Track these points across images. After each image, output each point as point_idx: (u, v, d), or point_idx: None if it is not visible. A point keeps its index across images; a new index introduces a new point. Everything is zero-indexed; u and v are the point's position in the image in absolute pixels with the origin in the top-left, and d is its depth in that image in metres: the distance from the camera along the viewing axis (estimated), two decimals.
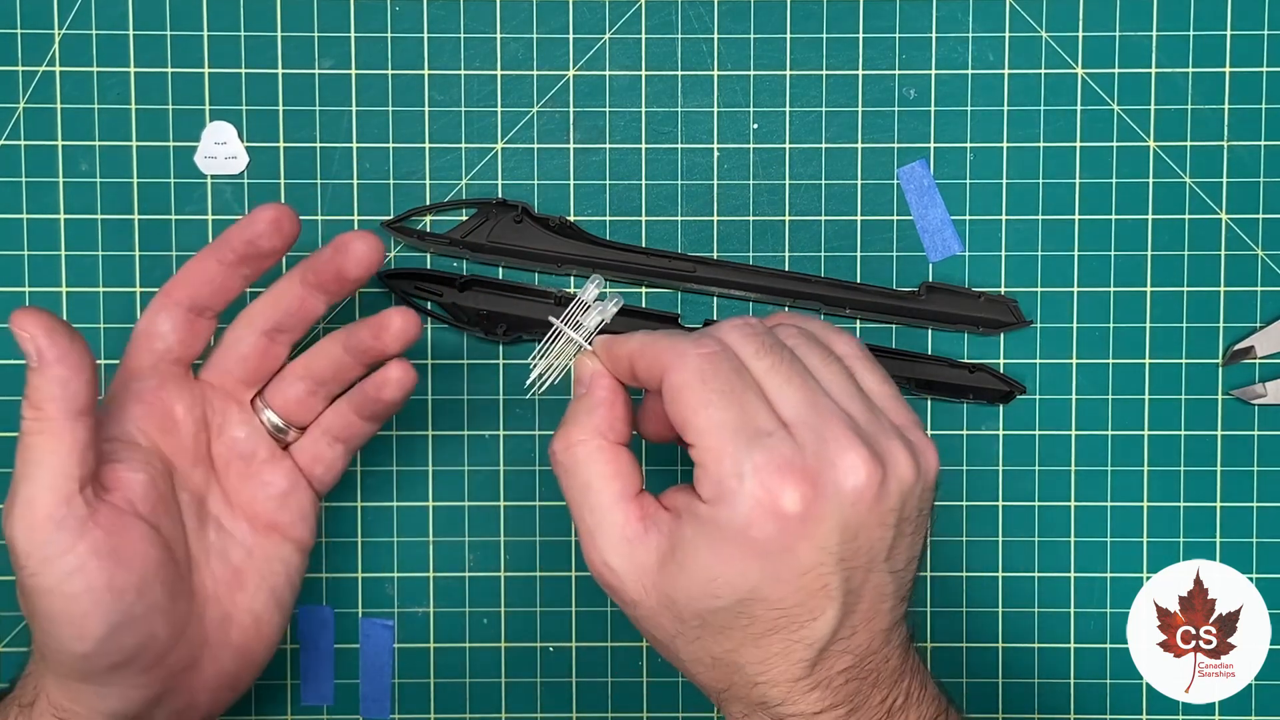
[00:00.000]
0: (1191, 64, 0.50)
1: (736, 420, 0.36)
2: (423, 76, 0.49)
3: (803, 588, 0.36)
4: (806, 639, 0.37)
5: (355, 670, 0.51)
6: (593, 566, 0.38)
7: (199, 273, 0.42)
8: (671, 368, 0.37)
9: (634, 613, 0.38)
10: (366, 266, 0.41)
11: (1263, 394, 0.50)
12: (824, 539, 0.36)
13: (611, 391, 0.40)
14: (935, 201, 0.50)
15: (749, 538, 0.35)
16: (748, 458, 0.35)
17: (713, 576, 0.36)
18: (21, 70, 0.49)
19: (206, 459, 0.43)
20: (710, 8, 0.49)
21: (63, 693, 0.39)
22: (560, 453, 0.39)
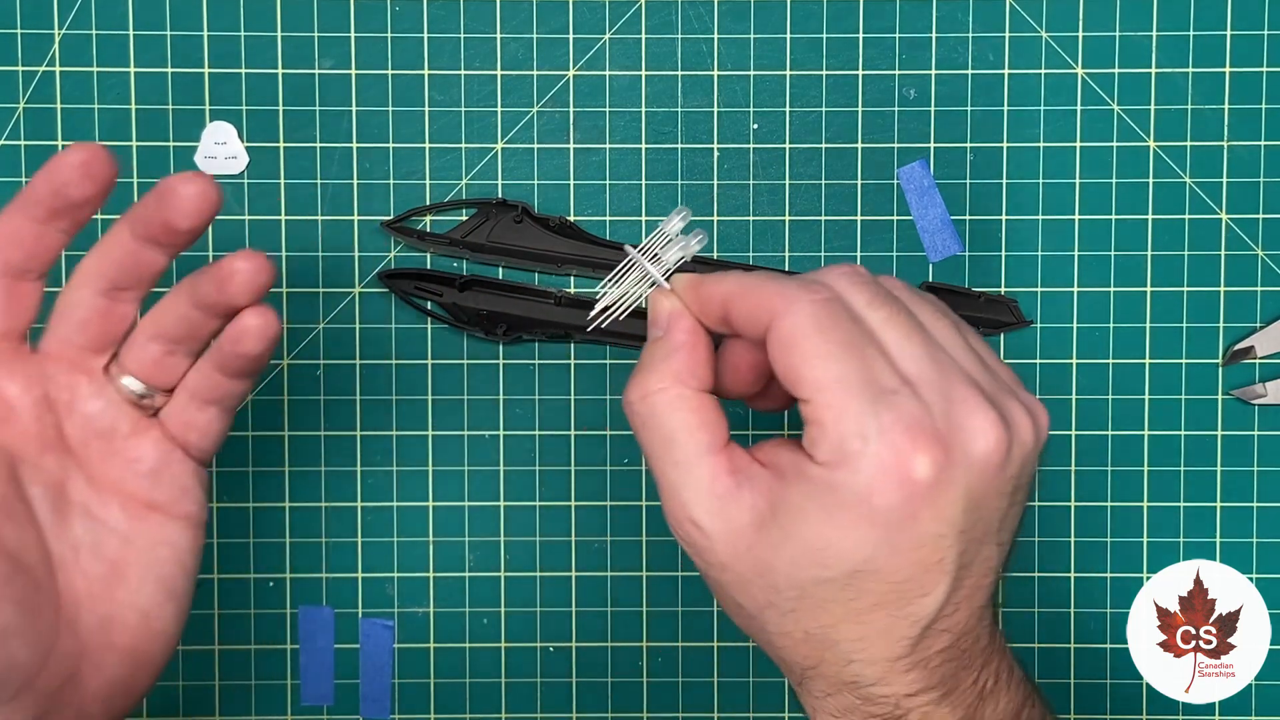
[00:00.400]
0: (1191, 64, 0.50)
1: (859, 375, 0.32)
2: (423, 76, 0.49)
3: (919, 561, 0.33)
4: (912, 616, 0.34)
5: (355, 670, 0.51)
6: (677, 525, 0.35)
7: (7, 232, 0.35)
8: (781, 314, 0.33)
9: (720, 577, 0.35)
10: (195, 215, 0.35)
11: (1263, 394, 0.50)
12: (949, 509, 0.33)
13: (693, 334, 0.36)
14: (935, 201, 0.50)
15: (870, 505, 0.32)
16: (873, 417, 0.32)
17: (824, 545, 0.33)
18: (21, 70, 0.49)
19: (58, 442, 0.37)
20: (710, 8, 0.49)
21: None
22: (637, 403, 0.35)
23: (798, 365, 0.33)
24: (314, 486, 0.50)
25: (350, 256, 0.50)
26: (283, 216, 0.50)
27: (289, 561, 0.50)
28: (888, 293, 0.35)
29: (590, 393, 0.50)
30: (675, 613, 0.51)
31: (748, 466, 0.34)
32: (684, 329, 0.36)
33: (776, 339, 0.33)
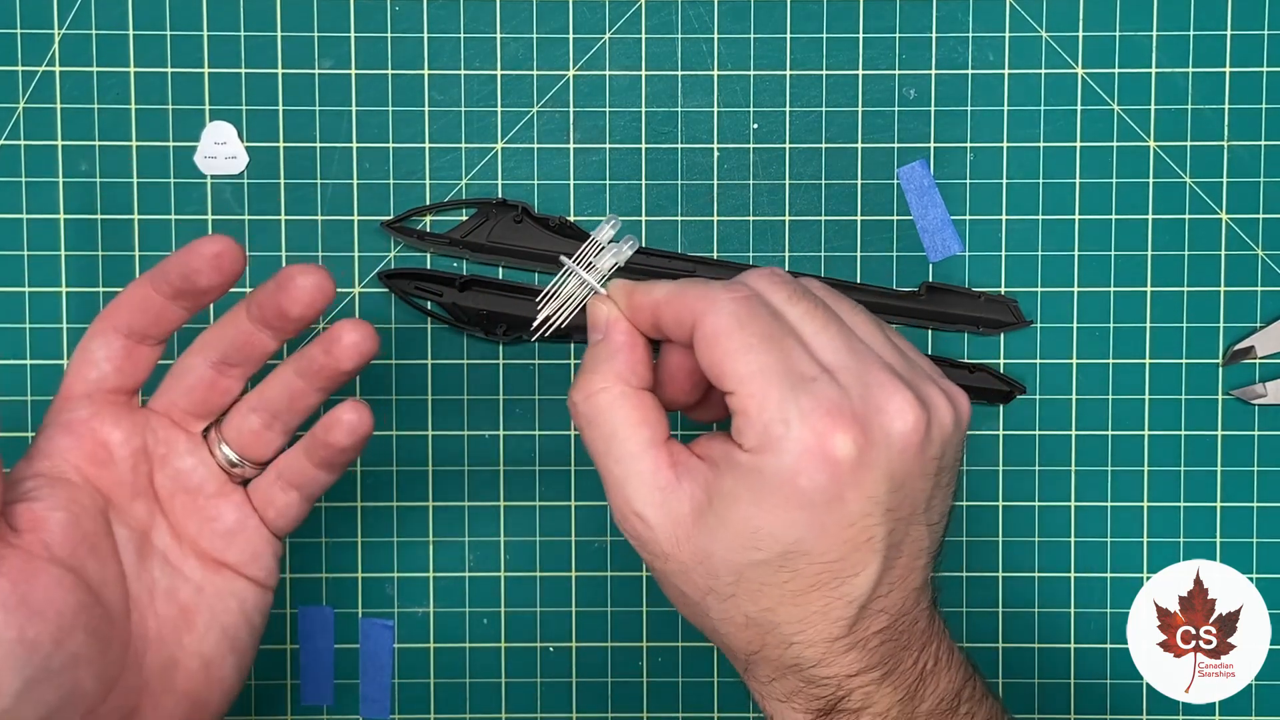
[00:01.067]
0: (1191, 64, 0.50)
1: (779, 364, 0.34)
2: (423, 76, 0.49)
3: (848, 540, 0.35)
4: (847, 595, 0.35)
5: (355, 670, 0.51)
6: (622, 518, 0.37)
7: (136, 299, 0.38)
8: (704, 314, 0.35)
9: (664, 566, 0.37)
10: (309, 305, 0.38)
11: (1263, 394, 0.50)
12: (873, 487, 0.34)
13: (630, 335, 0.38)
14: (935, 201, 0.50)
15: (796, 486, 0.34)
16: (794, 402, 0.34)
17: (755, 528, 0.35)
18: (21, 70, 0.49)
19: (149, 491, 0.40)
20: (710, 8, 0.49)
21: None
22: (581, 402, 0.37)
23: (720, 360, 0.35)
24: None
25: (350, 256, 0.50)
26: (283, 216, 0.50)
27: (289, 561, 0.50)
28: (805, 289, 0.37)
29: None
30: (675, 612, 0.51)
31: (686, 460, 0.36)
32: (622, 331, 0.38)
33: (701, 338, 0.35)
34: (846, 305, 0.38)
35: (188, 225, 0.49)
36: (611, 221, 0.41)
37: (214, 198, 0.49)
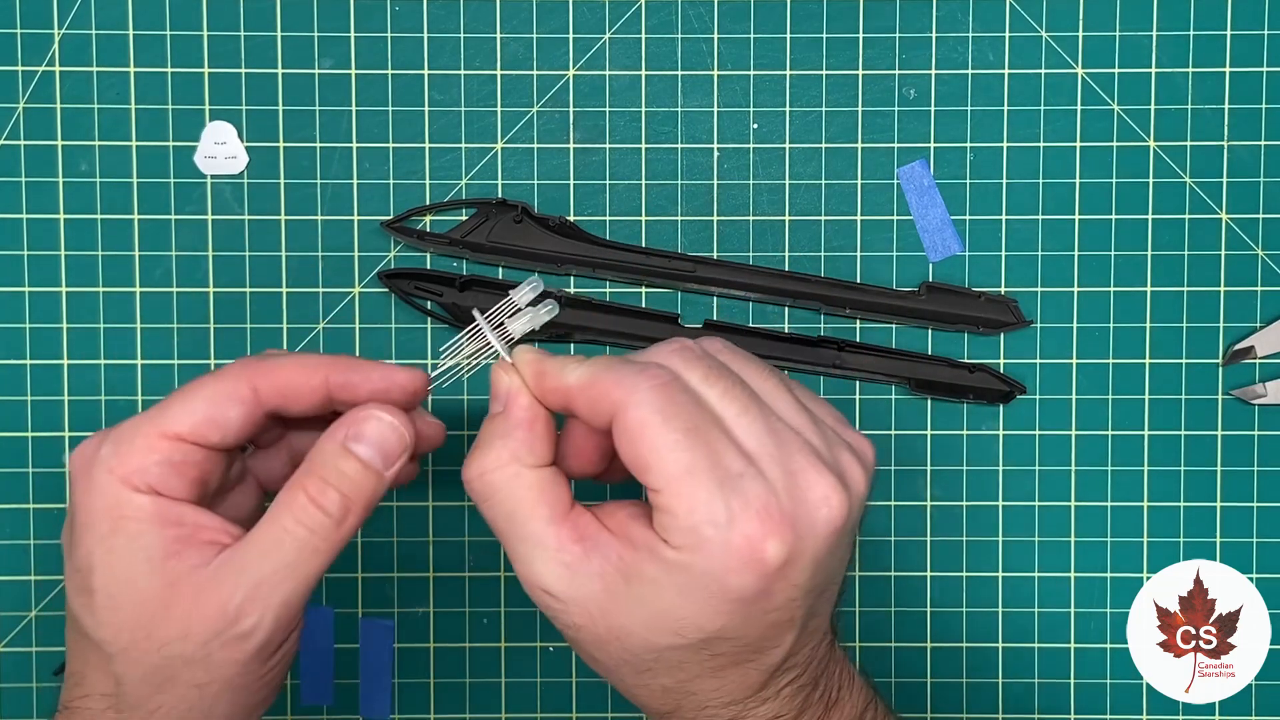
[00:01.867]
0: (1191, 64, 0.50)
1: (706, 461, 0.34)
2: (423, 76, 0.49)
3: (771, 624, 0.35)
4: (763, 665, 0.36)
5: (355, 670, 0.51)
6: (531, 593, 0.36)
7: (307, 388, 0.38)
8: (625, 405, 0.34)
9: (576, 635, 0.36)
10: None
11: (1263, 394, 0.50)
12: (798, 577, 0.35)
13: (530, 411, 0.37)
14: (935, 201, 0.50)
15: (725, 585, 0.34)
16: (723, 505, 0.33)
17: (679, 617, 0.34)
18: (21, 70, 0.49)
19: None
20: (710, 8, 0.49)
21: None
22: (475, 480, 0.36)
23: (645, 456, 0.34)
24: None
25: (350, 256, 0.50)
26: (283, 216, 0.50)
27: None
28: (721, 366, 0.36)
29: None
30: None
31: (596, 533, 0.35)
32: (521, 406, 0.37)
33: (623, 431, 0.34)
34: (754, 370, 0.37)
35: (188, 225, 0.49)
36: (532, 284, 0.40)
37: (214, 198, 0.49)
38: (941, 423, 0.50)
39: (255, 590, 0.35)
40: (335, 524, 0.36)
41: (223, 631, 0.35)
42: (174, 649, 0.35)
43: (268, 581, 0.35)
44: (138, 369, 0.50)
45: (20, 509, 0.50)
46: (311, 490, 0.36)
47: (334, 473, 0.36)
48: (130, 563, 0.36)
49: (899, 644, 0.51)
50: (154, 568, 0.35)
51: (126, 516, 0.36)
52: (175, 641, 0.35)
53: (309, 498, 0.36)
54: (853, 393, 0.50)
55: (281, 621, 0.36)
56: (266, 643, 0.36)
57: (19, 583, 0.50)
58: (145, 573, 0.35)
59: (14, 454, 0.50)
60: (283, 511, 0.36)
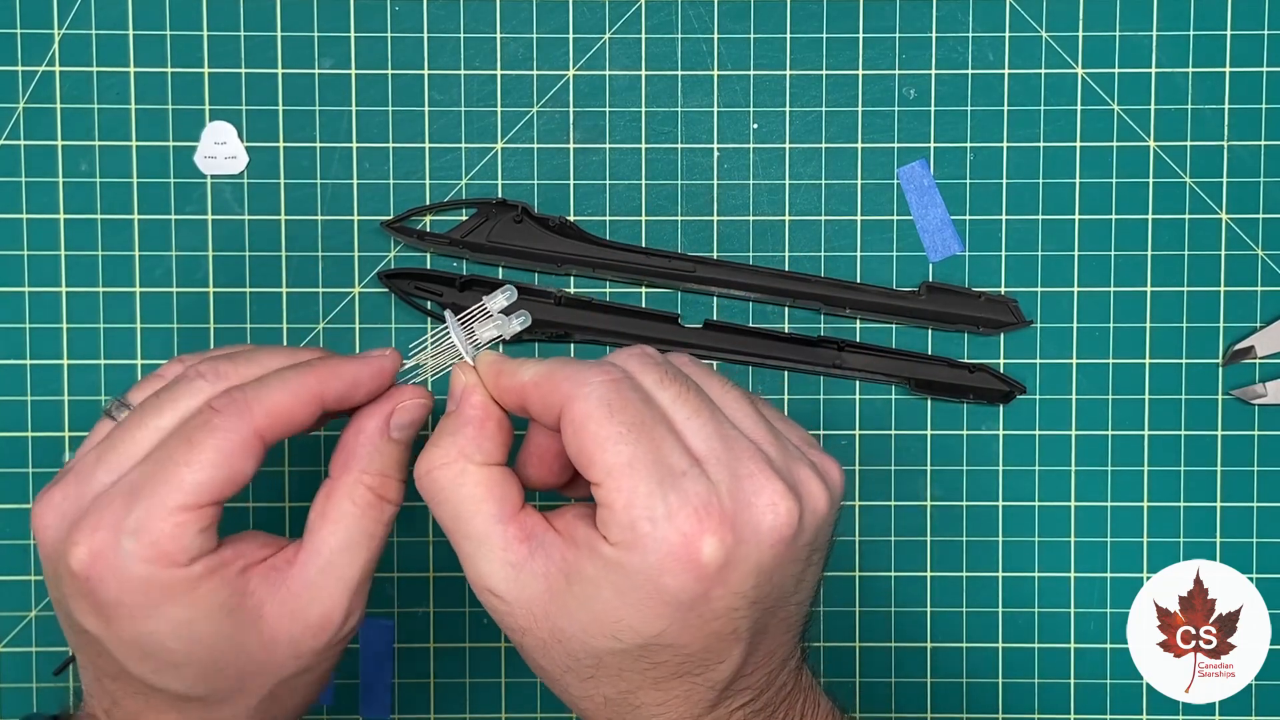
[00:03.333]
0: (1191, 64, 0.50)
1: (648, 456, 0.33)
2: (423, 76, 0.49)
3: (713, 633, 0.34)
4: (710, 681, 0.35)
5: (355, 670, 0.51)
6: (478, 593, 0.36)
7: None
8: (572, 398, 0.34)
9: (522, 640, 0.36)
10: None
11: (1263, 394, 0.50)
12: (739, 584, 0.34)
13: (483, 409, 0.37)
14: (935, 201, 0.50)
15: (660, 585, 0.33)
16: (661, 500, 0.33)
17: (616, 619, 0.34)
18: (21, 70, 0.49)
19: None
20: (710, 8, 0.49)
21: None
22: (423, 477, 0.36)
23: (589, 448, 0.34)
24: (314, 486, 0.50)
25: (350, 256, 0.50)
26: (283, 216, 0.50)
27: None
28: (677, 371, 0.36)
29: None
30: None
31: (543, 533, 0.35)
32: (473, 404, 0.37)
33: (569, 422, 0.34)
34: (717, 384, 0.37)
35: (188, 225, 0.49)
36: (506, 292, 0.40)
37: (214, 198, 0.49)
38: (941, 423, 0.50)
39: (353, 591, 0.37)
40: (394, 506, 0.38)
41: (333, 635, 0.37)
42: (286, 670, 0.37)
43: (355, 577, 0.37)
44: (138, 369, 0.50)
45: (20, 509, 0.50)
46: (373, 483, 0.38)
47: (391, 463, 0.38)
48: (208, 623, 0.35)
49: (899, 644, 0.51)
50: (234, 616, 0.36)
51: (178, 589, 0.35)
52: (288, 661, 0.37)
53: (369, 489, 0.37)
54: (853, 393, 0.50)
55: (351, 623, 0.38)
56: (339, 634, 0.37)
57: (19, 583, 0.50)
58: (228, 626, 0.36)
59: (14, 454, 0.50)
60: (347, 508, 0.37)
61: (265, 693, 0.37)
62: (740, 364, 0.50)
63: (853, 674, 0.51)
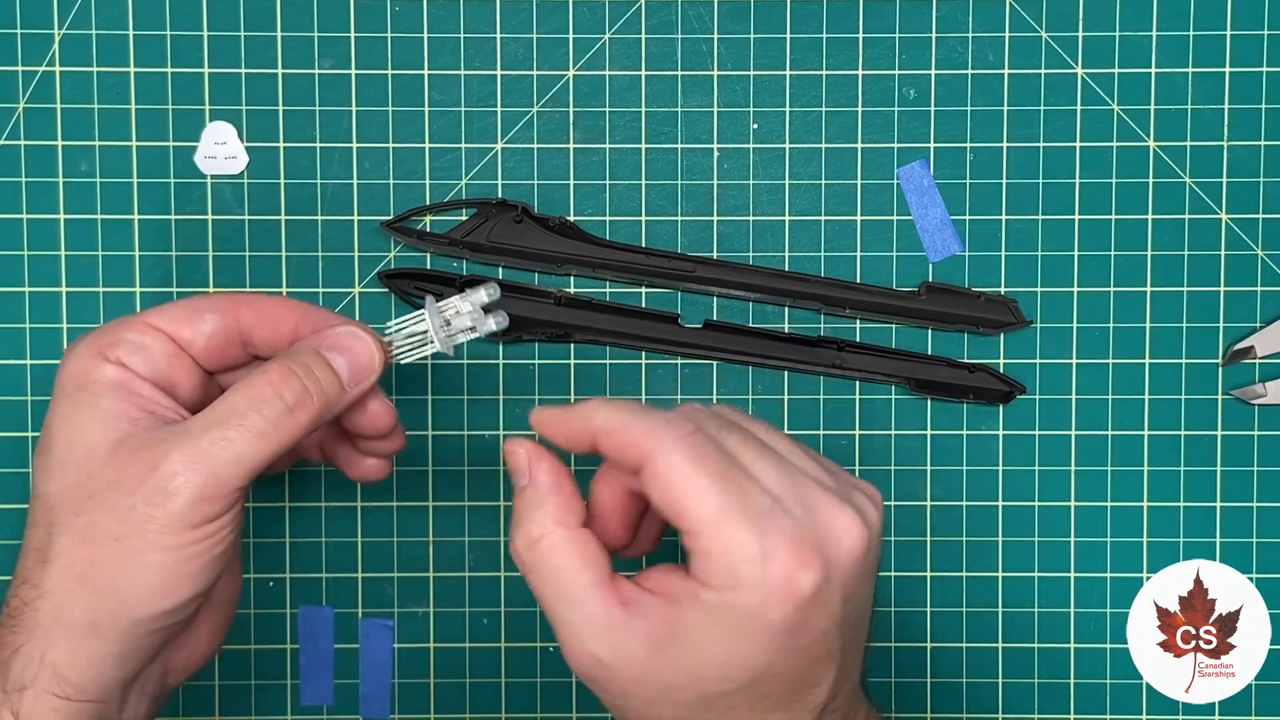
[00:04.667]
0: (1191, 64, 0.50)
1: (737, 503, 0.35)
2: (423, 76, 0.49)
3: (811, 658, 0.36)
4: (809, 704, 0.37)
5: (355, 670, 0.51)
6: (577, 662, 0.37)
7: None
8: (655, 454, 0.36)
9: (625, 703, 0.37)
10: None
11: (1263, 394, 0.50)
12: (832, 608, 0.36)
13: (557, 475, 0.38)
14: (935, 201, 0.50)
15: (766, 620, 0.35)
16: (758, 542, 0.35)
17: (726, 660, 0.35)
18: (21, 70, 0.49)
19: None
20: (710, 8, 0.49)
21: (77, 663, 0.37)
22: (525, 552, 0.37)
23: (680, 501, 0.35)
24: (314, 486, 0.50)
25: (350, 256, 0.50)
26: (283, 216, 0.50)
27: (289, 561, 0.50)
28: (733, 421, 0.38)
29: (590, 392, 0.50)
30: None
31: (637, 595, 0.37)
32: (547, 471, 0.38)
33: (654, 479, 0.36)
34: (763, 426, 0.39)
35: (188, 225, 0.49)
36: (489, 287, 0.41)
37: (214, 198, 0.49)
38: (941, 423, 0.50)
39: (189, 455, 0.36)
40: (286, 411, 0.37)
41: (149, 485, 0.36)
42: (102, 498, 0.36)
43: (203, 450, 0.36)
44: None
45: (20, 509, 0.50)
46: (274, 375, 0.38)
47: (302, 368, 0.38)
48: (86, 422, 0.37)
49: (899, 644, 0.51)
50: (106, 427, 0.37)
51: (93, 381, 0.38)
52: (104, 490, 0.36)
53: (269, 381, 0.38)
54: (853, 393, 0.50)
55: (208, 492, 0.36)
56: (189, 509, 0.36)
57: None
58: (98, 431, 0.37)
59: (14, 454, 0.50)
60: (238, 391, 0.38)
61: (82, 523, 0.37)
62: (740, 364, 0.50)
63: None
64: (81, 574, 0.37)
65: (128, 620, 0.37)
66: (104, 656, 0.37)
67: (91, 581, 0.36)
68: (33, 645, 0.37)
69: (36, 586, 0.37)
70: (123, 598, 0.36)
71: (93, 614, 0.36)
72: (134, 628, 0.37)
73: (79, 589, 0.36)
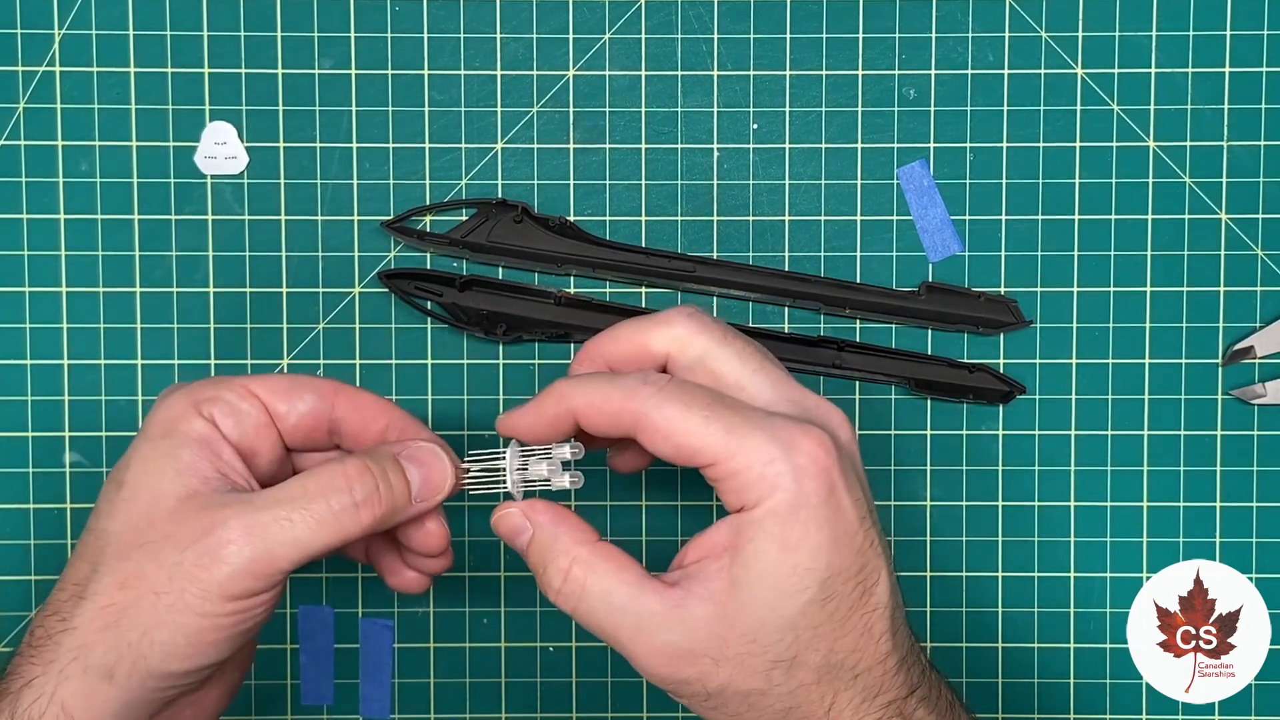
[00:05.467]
0: (1191, 64, 0.50)
1: (739, 420, 0.36)
2: (423, 76, 0.49)
3: (859, 547, 0.37)
4: (877, 605, 0.37)
5: (355, 670, 0.51)
6: (655, 663, 0.37)
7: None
8: (644, 412, 0.36)
9: (723, 690, 0.37)
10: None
11: (1263, 394, 0.50)
12: (852, 490, 0.37)
13: (556, 510, 0.39)
14: (935, 201, 0.50)
15: (810, 508, 0.36)
16: (773, 441, 0.36)
17: (792, 568, 0.36)
18: (21, 70, 0.49)
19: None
20: (710, 8, 0.50)
21: (86, 705, 0.36)
22: (562, 586, 0.38)
23: (689, 443, 0.36)
24: None
25: (350, 256, 0.50)
26: (283, 216, 0.50)
27: None
28: (730, 330, 0.39)
29: None
30: None
31: (679, 576, 0.37)
32: (545, 511, 0.39)
33: (656, 434, 0.36)
34: (735, 345, 0.39)
35: (188, 225, 0.49)
36: (574, 447, 0.40)
37: (214, 198, 0.49)
38: (941, 423, 0.50)
39: (248, 525, 0.36)
40: (352, 506, 0.37)
41: (200, 546, 0.36)
42: (154, 549, 0.36)
43: (263, 524, 0.36)
44: (138, 369, 0.50)
45: (20, 509, 0.50)
46: (350, 469, 0.38)
47: (378, 469, 0.38)
48: (163, 468, 0.37)
49: None
50: (180, 478, 0.37)
51: (180, 431, 0.38)
52: (158, 542, 0.36)
53: (344, 473, 0.38)
54: (853, 393, 0.50)
55: (257, 567, 0.36)
56: (233, 579, 0.36)
57: (19, 583, 0.50)
58: (171, 480, 0.37)
59: (14, 454, 0.50)
60: (311, 476, 0.38)
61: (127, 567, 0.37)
62: None
63: None
64: (112, 619, 0.36)
65: (143, 673, 0.36)
66: (113, 703, 0.37)
67: (119, 628, 0.36)
68: (47, 679, 0.37)
69: (65, 620, 0.37)
70: (144, 652, 0.36)
71: (112, 659, 0.36)
72: (147, 681, 0.37)
73: (106, 632, 0.36)
